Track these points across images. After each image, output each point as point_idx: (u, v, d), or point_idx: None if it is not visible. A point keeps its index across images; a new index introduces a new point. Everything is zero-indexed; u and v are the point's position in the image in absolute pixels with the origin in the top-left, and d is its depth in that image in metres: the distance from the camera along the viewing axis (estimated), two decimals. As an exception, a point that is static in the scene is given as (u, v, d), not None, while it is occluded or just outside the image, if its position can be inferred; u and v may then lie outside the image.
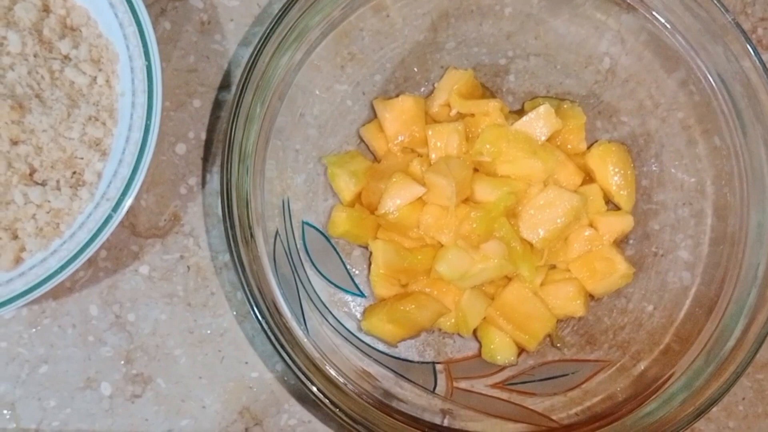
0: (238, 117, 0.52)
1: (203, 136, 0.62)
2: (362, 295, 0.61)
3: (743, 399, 0.63)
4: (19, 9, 0.56)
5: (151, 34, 0.54)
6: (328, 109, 0.61)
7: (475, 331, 0.60)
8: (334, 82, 0.61)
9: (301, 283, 0.58)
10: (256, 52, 0.53)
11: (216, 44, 0.63)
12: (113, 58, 0.56)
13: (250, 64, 0.52)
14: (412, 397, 0.57)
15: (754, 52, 0.55)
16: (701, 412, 0.51)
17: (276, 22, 0.53)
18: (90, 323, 0.60)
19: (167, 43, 0.63)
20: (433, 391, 0.58)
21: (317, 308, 0.58)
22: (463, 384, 0.58)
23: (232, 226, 0.51)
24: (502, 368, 0.59)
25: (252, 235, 0.53)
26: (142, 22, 0.55)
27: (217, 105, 0.63)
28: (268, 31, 0.53)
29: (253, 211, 0.53)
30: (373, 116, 0.62)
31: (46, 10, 0.57)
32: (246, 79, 0.52)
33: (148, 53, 0.54)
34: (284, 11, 0.53)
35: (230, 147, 0.52)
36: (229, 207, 0.52)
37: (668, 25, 0.59)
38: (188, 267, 0.61)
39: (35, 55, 0.55)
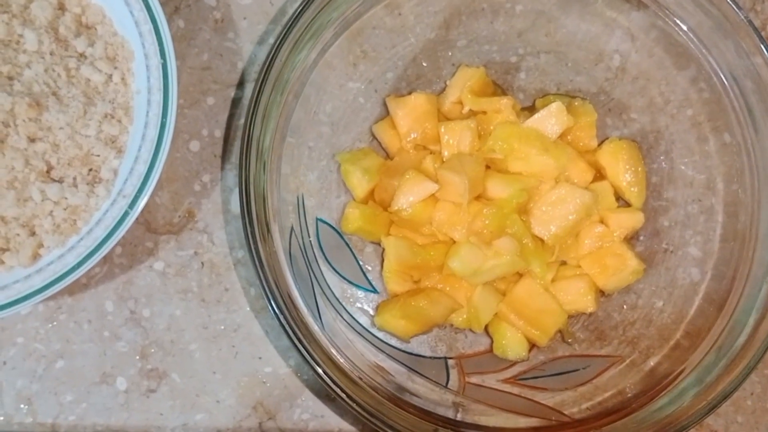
0: (255, 115, 0.53)
1: (217, 133, 0.63)
2: (375, 291, 0.61)
3: (752, 394, 0.64)
4: (35, 7, 0.56)
5: (166, 33, 0.55)
6: (341, 106, 0.61)
7: (486, 327, 0.61)
8: (347, 79, 0.61)
9: (316, 278, 0.58)
10: (273, 51, 0.53)
11: (229, 42, 0.64)
12: (129, 56, 0.57)
13: (267, 63, 0.53)
14: (425, 392, 0.57)
15: (765, 48, 0.56)
16: (712, 408, 0.51)
17: (293, 21, 0.53)
18: (105, 319, 0.60)
19: (181, 41, 0.63)
20: (445, 386, 0.58)
21: (331, 304, 0.58)
22: (474, 379, 0.59)
23: (250, 223, 0.52)
24: (514, 363, 0.60)
25: (269, 231, 0.53)
26: (158, 20, 0.55)
27: (231, 102, 0.63)
28: (285, 30, 0.53)
29: (270, 208, 0.54)
30: (386, 113, 0.62)
31: (61, 8, 0.57)
32: (264, 77, 0.53)
33: (163, 51, 0.55)
34: (301, 10, 0.53)
35: (248, 144, 0.52)
36: (247, 203, 0.52)
37: (679, 22, 0.60)
38: (202, 263, 0.61)
39: (51, 53, 0.56)
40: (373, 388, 0.53)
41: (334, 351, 0.54)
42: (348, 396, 0.51)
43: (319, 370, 0.51)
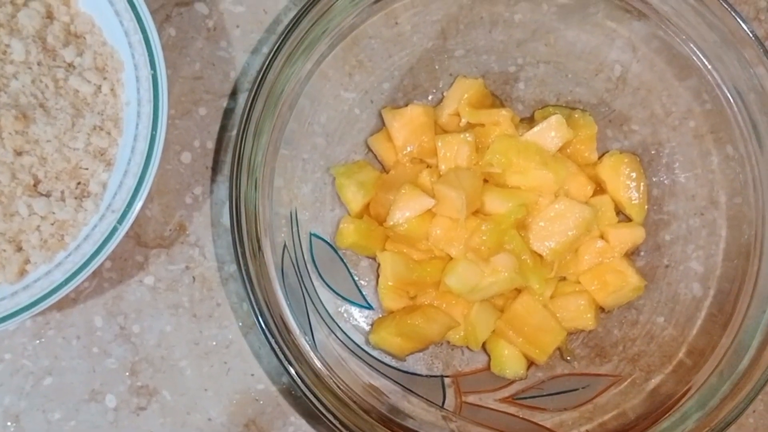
0: (247, 130, 0.52)
1: (209, 144, 0.62)
2: (370, 307, 0.60)
3: (753, 411, 0.62)
4: (23, 16, 0.55)
5: (157, 43, 0.54)
6: (336, 117, 0.60)
7: (484, 344, 0.59)
8: (342, 90, 0.60)
9: (309, 295, 0.57)
10: (267, 62, 0.52)
11: (222, 51, 0.62)
12: (118, 67, 0.55)
13: (260, 76, 0.52)
14: (421, 413, 0.56)
15: (768, 60, 0.55)
16: (719, 432, 0.50)
17: (287, 31, 0.52)
18: (95, 335, 0.59)
19: (172, 50, 0.62)
20: (441, 406, 0.57)
21: (324, 321, 0.57)
22: (471, 398, 0.58)
23: (241, 240, 0.51)
24: (512, 382, 0.59)
25: (260, 248, 0.52)
26: (148, 30, 0.54)
27: (223, 113, 0.62)
28: (279, 40, 0.52)
29: (261, 223, 0.52)
30: (382, 125, 0.61)
31: (49, 17, 0.56)
32: (256, 91, 0.52)
33: (153, 62, 0.54)
34: (296, 21, 0.52)
35: (239, 160, 0.51)
36: (238, 220, 0.51)
37: (680, 33, 0.58)
38: (193, 278, 0.60)
39: (39, 64, 0.55)
40: (366, 411, 0.52)
41: (325, 371, 0.53)
42: (338, 420, 0.50)
43: (308, 393, 0.50)
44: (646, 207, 0.60)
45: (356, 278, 0.60)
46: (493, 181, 0.58)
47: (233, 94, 0.62)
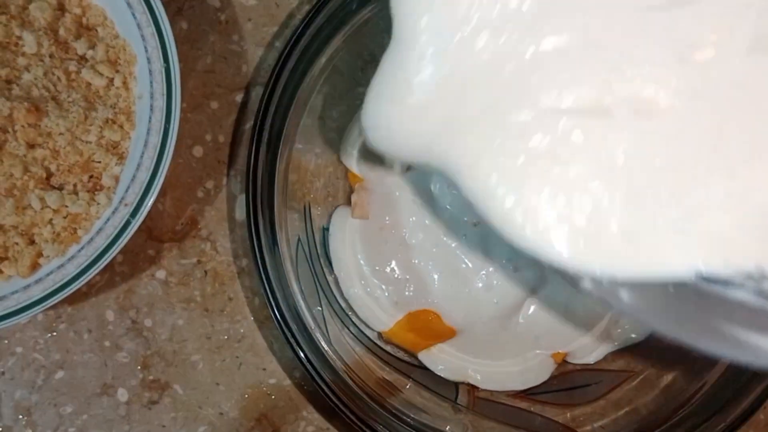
0: (263, 125, 0.51)
1: (221, 138, 0.61)
2: (382, 302, 0.60)
3: (764, 408, 0.62)
4: (34, 8, 0.54)
5: (170, 36, 0.53)
6: (349, 112, 0.60)
7: (496, 339, 0.59)
8: (355, 84, 0.60)
9: (322, 289, 0.57)
10: (281, 58, 0.51)
11: (234, 44, 0.62)
12: (131, 60, 0.55)
13: (275, 71, 0.51)
14: (433, 407, 0.56)
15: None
16: (733, 429, 0.50)
17: (302, 27, 0.52)
18: (106, 328, 0.59)
19: (184, 43, 0.61)
20: (454, 401, 0.57)
21: (338, 315, 0.57)
22: (484, 393, 0.58)
23: (257, 234, 0.50)
24: (524, 377, 0.59)
25: (275, 242, 0.52)
26: (161, 23, 0.53)
27: (235, 107, 0.62)
28: (294, 36, 0.52)
29: (277, 217, 0.52)
30: (394, 120, 0.61)
31: (61, 9, 0.56)
32: (272, 86, 0.51)
33: (166, 55, 0.53)
34: (310, 16, 0.52)
35: (256, 154, 0.51)
36: (254, 214, 0.51)
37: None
38: (205, 272, 0.60)
39: (51, 56, 0.54)
40: (380, 404, 0.52)
41: (339, 365, 0.52)
42: (354, 414, 0.50)
43: (323, 386, 0.50)
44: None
45: (369, 273, 0.60)
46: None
47: (245, 88, 0.62)
